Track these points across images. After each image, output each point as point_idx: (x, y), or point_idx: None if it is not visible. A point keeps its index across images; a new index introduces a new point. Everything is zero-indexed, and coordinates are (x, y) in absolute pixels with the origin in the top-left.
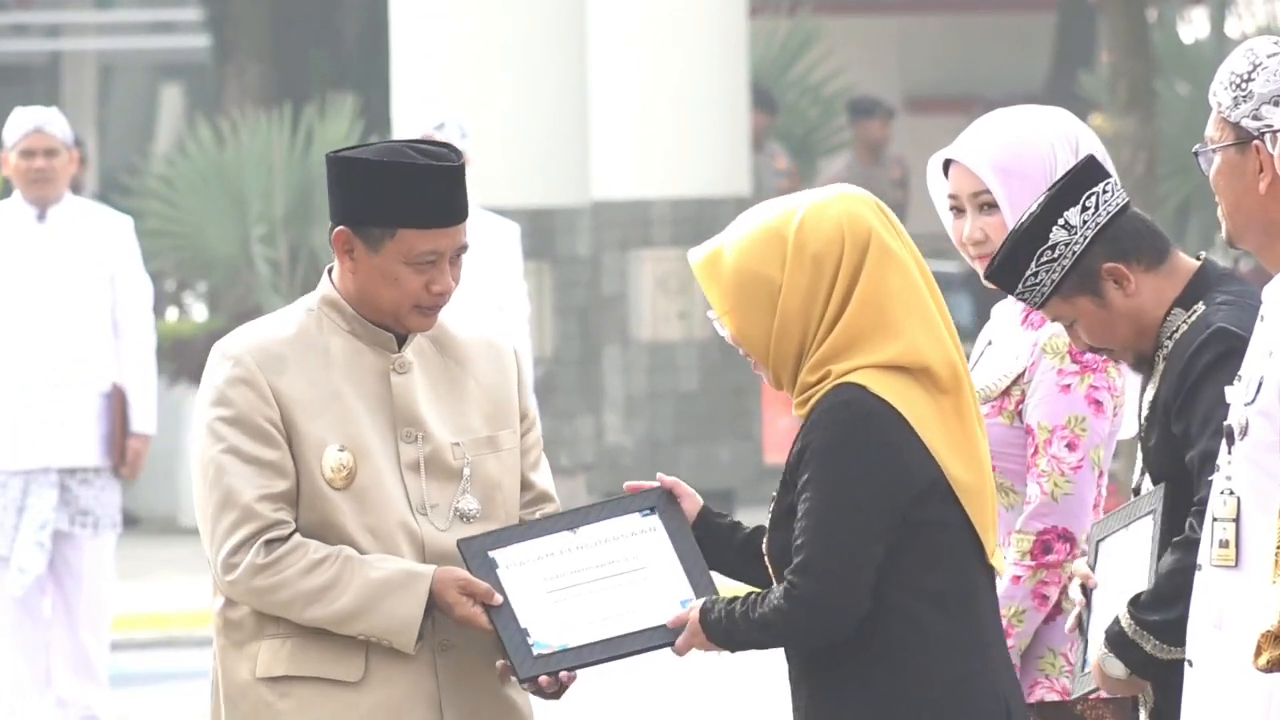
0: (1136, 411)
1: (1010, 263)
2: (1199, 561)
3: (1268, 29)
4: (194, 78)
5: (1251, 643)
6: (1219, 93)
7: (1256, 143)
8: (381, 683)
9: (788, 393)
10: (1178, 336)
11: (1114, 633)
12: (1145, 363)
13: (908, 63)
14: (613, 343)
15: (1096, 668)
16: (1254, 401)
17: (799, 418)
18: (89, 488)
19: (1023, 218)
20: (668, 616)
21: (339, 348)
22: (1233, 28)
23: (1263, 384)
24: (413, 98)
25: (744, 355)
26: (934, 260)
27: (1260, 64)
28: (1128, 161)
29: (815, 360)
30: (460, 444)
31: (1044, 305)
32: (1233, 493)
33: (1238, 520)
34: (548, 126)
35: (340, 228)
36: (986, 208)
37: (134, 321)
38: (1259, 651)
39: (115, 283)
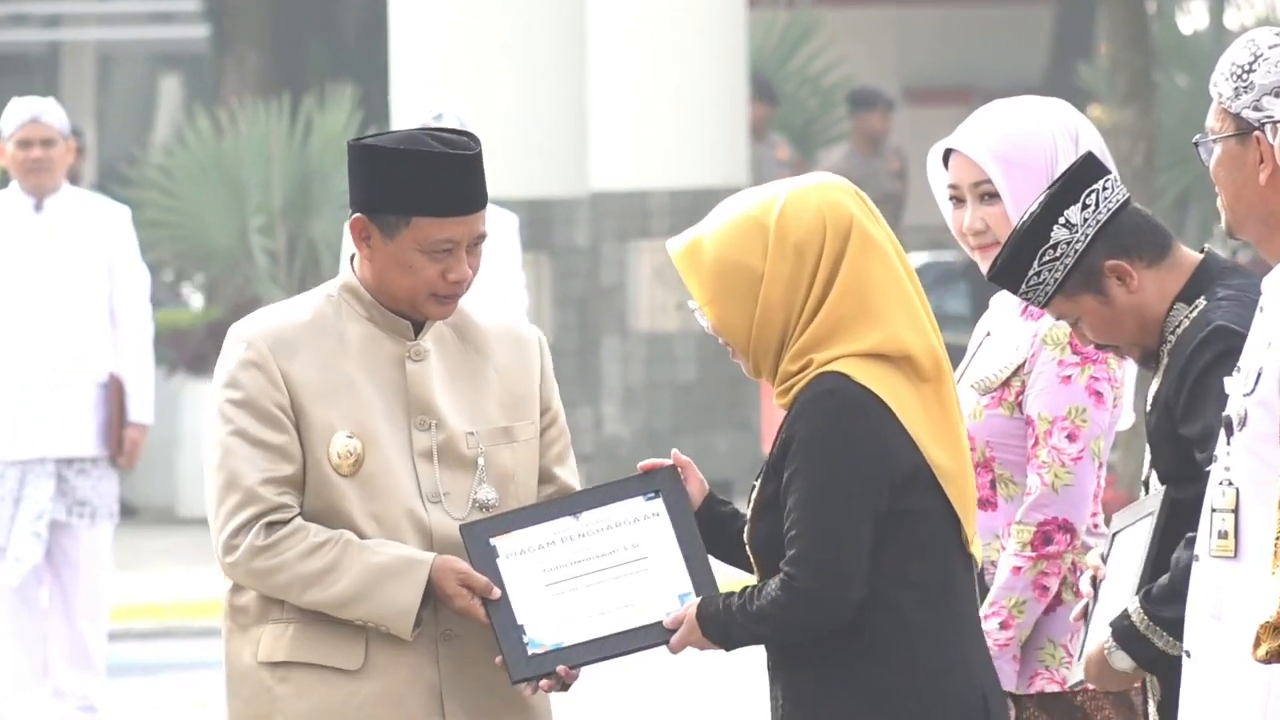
0: (1136, 403)
1: (1012, 263)
2: (1196, 552)
3: (1267, 20)
4: (193, 68)
5: (1250, 634)
6: (1220, 84)
7: (1257, 134)
8: (381, 671)
9: (768, 382)
10: (1180, 332)
11: (1123, 626)
12: (1151, 357)
13: (906, 54)
14: (611, 333)
15: (1089, 660)
16: (1253, 392)
17: (781, 407)
18: (86, 478)
19: (1023, 217)
20: (665, 613)
21: (356, 334)
22: (1232, 19)
23: (1262, 375)
24: (412, 88)
25: (723, 344)
26: (933, 251)
27: (1261, 55)
28: (1126, 153)
29: (797, 349)
30: (475, 433)
31: (1048, 304)
32: (1231, 483)
33: (1236, 511)
34: (546, 117)
35: (357, 214)
36: (987, 197)
37: (131, 311)
38: (1258, 642)
39: (113, 273)
